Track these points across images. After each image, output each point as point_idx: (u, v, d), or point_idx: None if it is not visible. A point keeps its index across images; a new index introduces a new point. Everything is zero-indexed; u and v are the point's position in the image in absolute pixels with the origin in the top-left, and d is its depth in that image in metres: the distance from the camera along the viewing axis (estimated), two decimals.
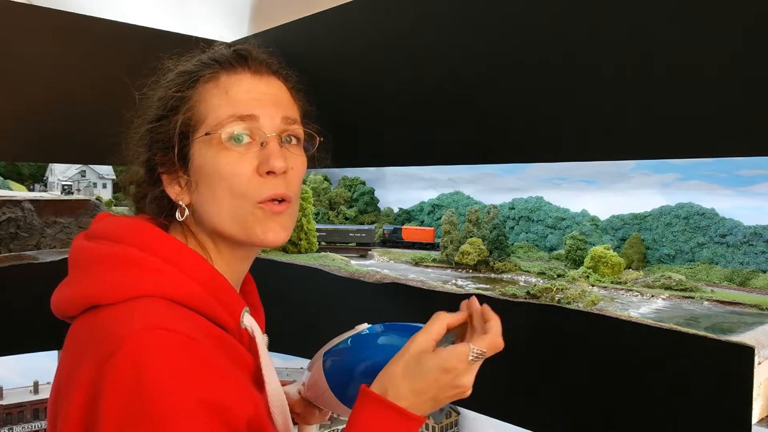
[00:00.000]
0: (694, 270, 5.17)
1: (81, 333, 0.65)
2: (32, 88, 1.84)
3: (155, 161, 0.74)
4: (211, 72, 0.73)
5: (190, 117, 0.71)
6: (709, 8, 1.12)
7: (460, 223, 5.64)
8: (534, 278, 5.31)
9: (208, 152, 0.70)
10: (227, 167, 0.70)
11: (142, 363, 0.56)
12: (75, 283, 0.69)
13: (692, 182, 4.69)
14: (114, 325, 0.61)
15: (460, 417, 4.24)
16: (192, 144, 0.71)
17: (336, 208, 6.65)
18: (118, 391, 0.56)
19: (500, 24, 1.45)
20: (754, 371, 1.11)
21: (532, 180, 5.65)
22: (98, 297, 0.65)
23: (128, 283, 0.65)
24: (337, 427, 4.52)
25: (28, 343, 1.92)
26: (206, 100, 0.72)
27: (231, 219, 0.71)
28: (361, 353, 0.79)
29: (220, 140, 0.70)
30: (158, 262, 0.67)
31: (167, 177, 0.74)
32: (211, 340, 0.64)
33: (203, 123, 0.71)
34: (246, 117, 0.70)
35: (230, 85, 0.72)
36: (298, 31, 1.97)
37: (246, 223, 0.71)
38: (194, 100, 0.72)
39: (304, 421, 0.93)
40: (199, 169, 0.71)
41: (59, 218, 4.33)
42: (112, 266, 0.67)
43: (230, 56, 0.74)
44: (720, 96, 1.11)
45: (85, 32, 1.92)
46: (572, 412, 1.39)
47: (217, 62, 0.74)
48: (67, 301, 0.68)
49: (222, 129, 0.70)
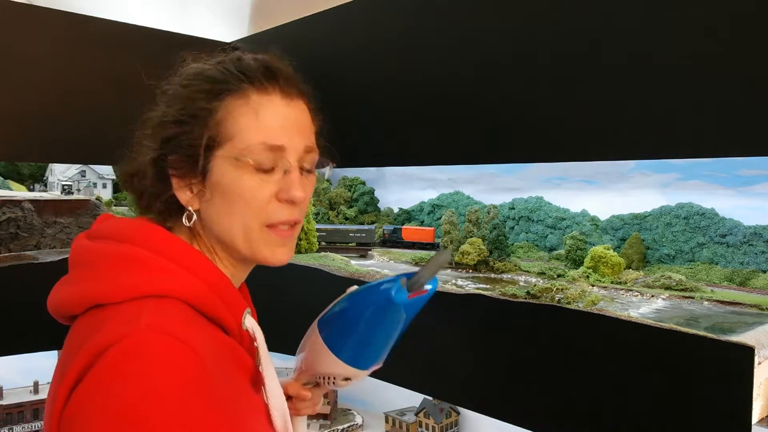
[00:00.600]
0: (694, 270, 5.17)
1: (82, 330, 0.65)
2: (32, 88, 1.84)
3: (168, 163, 0.72)
4: (240, 88, 0.72)
5: (217, 133, 0.71)
6: (709, 8, 1.12)
7: (460, 223, 5.63)
8: (534, 278, 5.31)
9: (231, 171, 0.71)
10: (248, 191, 0.71)
11: (137, 362, 0.55)
12: (78, 281, 0.69)
13: (692, 182, 4.69)
14: (118, 322, 0.60)
15: (460, 417, 4.24)
16: (213, 158, 0.71)
17: (336, 208, 6.65)
18: (100, 380, 0.55)
19: (500, 24, 1.45)
20: (754, 371, 1.11)
21: (532, 180, 5.64)
22: (103, 296, 0.65)
23: (134, 282, 0.65)
24: (338, 427, 4.53)
25: (28, 343, 1.92)
26: (235, 119, 0.71)
27: (242, 236, 0.72)
28: (358, 305, 0.79)
29: (248, 165, 0.71)
30: (164, 262, 0.67)
31: (178, 181, 0.73)
32: (214, 347, 0.64)
33: (229, 141, 0.71)
34: (275, 147, 0.71)
35: (260, 107, 0.72)
36: (298, 31, 1.97)
37: (256, 243, 0.72)
38: (221, 115, 0.71)
39: (295, 411, 0.92)
40: (217, 183, 0.71)
41: (59, 218, 4.34)
42: (118, 265, 0.67)
43: (261, 73, 0.74)
44: (720, 96, 1.11)
45: (85, 32, 1.92)
46: (572, 412, 1.39)
47: (247, 78, 0.73)
48: (69, 299, 0.68)
49: (251, 156, 0.70)
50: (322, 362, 0.83)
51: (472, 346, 1.61)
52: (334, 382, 0.84)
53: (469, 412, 3.83)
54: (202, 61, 0.77)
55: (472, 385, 1.62)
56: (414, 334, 1.88)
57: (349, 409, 4.86)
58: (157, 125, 0.73)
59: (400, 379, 1.83)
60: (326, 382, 0.86)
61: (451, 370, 1.67)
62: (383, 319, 0.76)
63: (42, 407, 4.06)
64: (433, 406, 4.24)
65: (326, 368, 0.83)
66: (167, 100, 0.74)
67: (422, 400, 4.25)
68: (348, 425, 4.70)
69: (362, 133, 1.80)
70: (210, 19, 2.36)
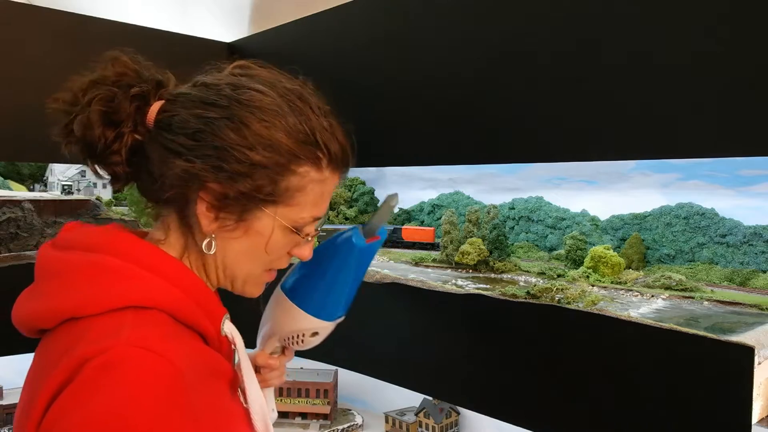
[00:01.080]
0: (694, 270, 5.17)
1: (58, 344, 0.62)
2: (32, 88, 1.84)
3: (204, 180, 0.66)
4: (319, 160, 0.71)
5: (281, 192, 0.69)
6: (709, 8, 1.12)
7: (460, 223, 5.63)
8: (534, 278, 5.31)
9: (275, 232, 0.71)
10: (277, 250, 0.73)
11: (116, 376, 0.54)
12: (49, 295, 0.65)
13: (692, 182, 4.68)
14: (98, 335, 0.58)
15: (460, 417, 4.24)
16: (261, 209, 0.69)
17: (336, 208, 6.65)
18: (79, 394, 0.54)
19: (500, 24, 1.45)
20: (754, 371, 1.11)
21: (532, 180, 5.64)
22: (77, 308, 0.62)
23: (109, 294, 0.62)
24: (338, 427, 4.52)
25: (28, 343, 1.91)
26: (306, 192, 0.70)
27: (243, 278, 0.74)
28: (319, 259, 0.83)
29: (293, 232, 0.72)
30: (138, 270, 0.65)
31: (206, 205, 0.68)
32: (192, 358, 0.62)
33: (288, 206, 0.70)
34: (317, 219, 0.73)
35: (326, 187, 0.73)
36: (298, 31, 1.97)
37: (250, 284, 0.76)
38: (296, 180, 0.69)
39: (264, 383, 0.92)
40: (253, 230, 0.70)
41: (59, 218, 4.33)
42: (91, 277, 0.64)
43: (343, 160, 0.74)
44: (720, 96, 1.11)
45: (85, 32, 1.92)
46: (572, 412, 1.39)
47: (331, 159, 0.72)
48: (39, 314, 0.65)
49: (302, 229, 0.72)
50: (289, 320, 0.86)
51: (472, 346, 1.61)
52: (303, 341, 0.87)
53: (469, 412, 3.83)
54: (282, 85, 0.71)
55: (472, 385, 1.62)
56: (414, 334, 1.88)
57: (349, 409, 4.86)
58: (215, 147, 0.66)
59: (400, 379, 1.83)
60: (294, 342, 0.88)
61: (451, 370, 1.67)
62: (344, 266, 0.82)
63: None
64: (433, 406, 4.24)
65: (293, 325, 0.86)
66: (236, 120, 0.67)
67: (422, 400, 4.25)
68: (348, 425, 4.70)
69: (362, 133, 1.80)
70: (210, 19, 2.36)
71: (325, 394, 5.02)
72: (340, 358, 1.93)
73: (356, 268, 0.84)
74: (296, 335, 0.87)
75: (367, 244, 0.83)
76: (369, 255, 0.85)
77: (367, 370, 1.88)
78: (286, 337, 0.88)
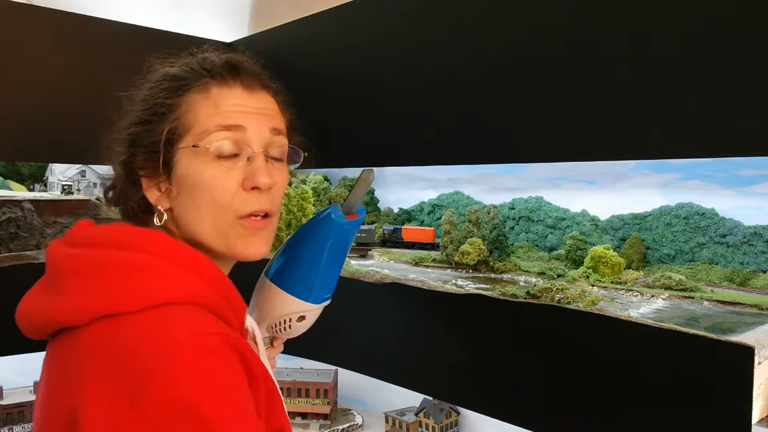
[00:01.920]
0: (694, 270, 5.17)
1: (89, 342, 0.62)
2: (32, 88, 1.84)
3: (135, 163, 0.72)
4: (201, 82, 0.72)
5: (177, 126, 0.70)
6: (708, 9, 1.12)
7: (460, 223, 5.63)
8: (534, 278, 5.32)
9: (193, 163, 0.70)
10: (212, 180, 0.69)
11: (202, 366, 0.56)
12: (77, 293, 0.65)
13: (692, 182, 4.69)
14: (143, 332, 0.59)
15: (460, 417, 4.24)
16: (176, 152, 0.70)
17: None
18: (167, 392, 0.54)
19: (499, 24, 1.45)
20: (754, 371, 1.11)
21: (532, 180, 5.65)
22: (114, 306, 0.62)
23: (148, 291, 0.63)
24: (338, 427, 4.53)
25: (28, 343, 1.91)
26: (194, 111, 0.71)
27: (212, 231, 0.71)
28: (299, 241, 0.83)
29: (207, 152, 0.69)
30: (172, 267, 0.66)
31: (147, 181, 0.72)
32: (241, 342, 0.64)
33: (189, 132, 0.70)
34: (233, 127, 0.70)
35: (220, 99, 0.71)
36: (298, 31, 1.97)
37: (227, 237, 0.71)
38: (182, 110, 0.71)
39: None
40: (182, 178, 0.70)
41: (59, 218, 4.33)
42: (126, 273, 0.64)
43: (223, 68, 0.73)
44: (720, 96, 1.11)
45: (85, 32, 1.92)
46: (572, 412, 1.39)
47: (209, 72, 0.73)
48: (65, 312, 0.65)
49: (209, 140, 0.69)
50: (274, 305, 0.85)
51: (472, 346, 1.61)
52: (290, 326, 0.86)
53: (469, 412, 3.83)
54: (168, 64, 0.76)
55: (472, 385, 1.62)
56: (414, 335, 1.88)
57: (349, 409, 4.86)
58: (123, 128, 0.73)
59: (400, 379, 1.83)
60: (281, 329, 0.87)
61: (451, 370, 1.67)
62: (324, 244, 0.81)
63: None
64: (433, 406, 4.24)
65: (278, 310, 0.85)
66: (132, 103, 0.74)
67: (422, 400, 4.25)
68: (348, 425, 4.70)
69: (362, 133, 1.80)
70: (210, 19, 2.36)
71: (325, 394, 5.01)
72: (340, 358, 1.93)
73: (337, 246, 0.82)
74: (282, 321, 0.86)
75: (347, 221, 0.81)
76: (349, 233, 0.83)
77: (367, 370, 1.88)
78: (273, 324, 0.87)
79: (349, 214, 0.82)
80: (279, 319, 0.86)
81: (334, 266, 0.85)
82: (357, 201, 0.83)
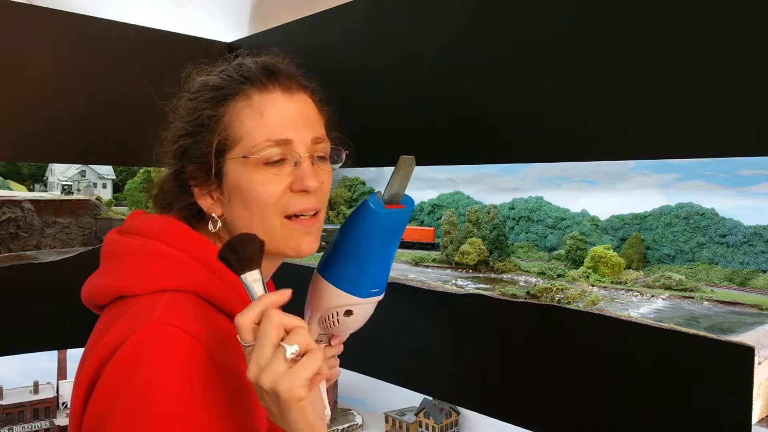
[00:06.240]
0: (694, 270, 5.16)
1: (105, 319, 0.70)
2: (32, 88, 1.84)
3: (186, 173, 0.77)
4: (242, 92, 0.75)
5: (225, 137, 0.74)
6: (710, 8, 1.12)
7: (460, 223, 5.63)
8: (534, 278, 5.32)
9: (243, 172, 0.74)
10: (261, 186, 0.74)
11: (147, 351, 0.61)
12: (106, 273, 0.73)
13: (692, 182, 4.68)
14: (135, 314, 0.65)
15: (460, 417, 4.24)
16: (226, 162, 0.75)
17: (336, 208, 6.63)
18: (114, 373, 0.61)
19: (500, 24, 1.45)
20: (754, 371, 1.11)
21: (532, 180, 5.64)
22: (126, 288, 0.69)
23: (154, 276, 0.69)
24: (338, 427, 4.53)
25: (28, 343, 1.92)
26: (241, 121, 0.75)
27: (263, 232, 0.72)
28: (343, 231, 0.81)
29: (257, 161, 0.73)
30: (183, 257, 0.72)
31: (198, 190, 0.77)
32: (223, 338, 0.67)
33: (239, 144, 0.74)
34: (281, 142, 0.74)
35: (263, 106, 0.75)
36: (298, 31, 1.97)
37: (279, 237, 0.76)
38: (227, 120, 0.75)
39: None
40: (233, 186, 0.75)
41: (59, 218, 4.34)
42: (141, 260, 0.71)
43: (260, 73, 0.77)
44: (720, 96, 1.11)
45: (85, 32, 1.92)
46: (572, 412, 1.39)
47: (248, 80, 0.76)
48: (97, 290, 0.73)
49: (258, 153, 0.73)
50: (321, 297, 0.84)
51: (472, 346, 1.61)
52: (338, 320, 0.84)
53: (469, 412, 3.82)
54: (205, 73, 0.80)
55: (472, 385, 1.62)
56: (414, 335, 1.88)
57: (349, 409, 4.85)
58: (171, 141, 0.78)
59: (400, 379, 1.83)
60: (331, 324, 0.85)
61: (451, 370, 1.67)
62: (364, 233, 0.78)
63: (42, 407, 4.06)
64: (433, 406, 4.25)
65: (325, 302, 0.84)
66: (176, 114, 0.79)
67: (422, 400, 4.25)
68: (348, 425, 4.69)
69: (362, 133, 1.80)
70: (210, 19, 2.36)
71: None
72: (340, 358, 1.93)
73: (380, 236, 0.78)
74: (330, 314, 0.84)
75: (387, 210, 0.77)
76: (394, 223, 0.78)
77: (367, 370, 1.88)
78: (323, 319, 0.85)
79: (390, 203, 0.78)
80: (326, 313, 0.85)
81: (377, 258, 0.80)
82: (398, 190, 0.79)
